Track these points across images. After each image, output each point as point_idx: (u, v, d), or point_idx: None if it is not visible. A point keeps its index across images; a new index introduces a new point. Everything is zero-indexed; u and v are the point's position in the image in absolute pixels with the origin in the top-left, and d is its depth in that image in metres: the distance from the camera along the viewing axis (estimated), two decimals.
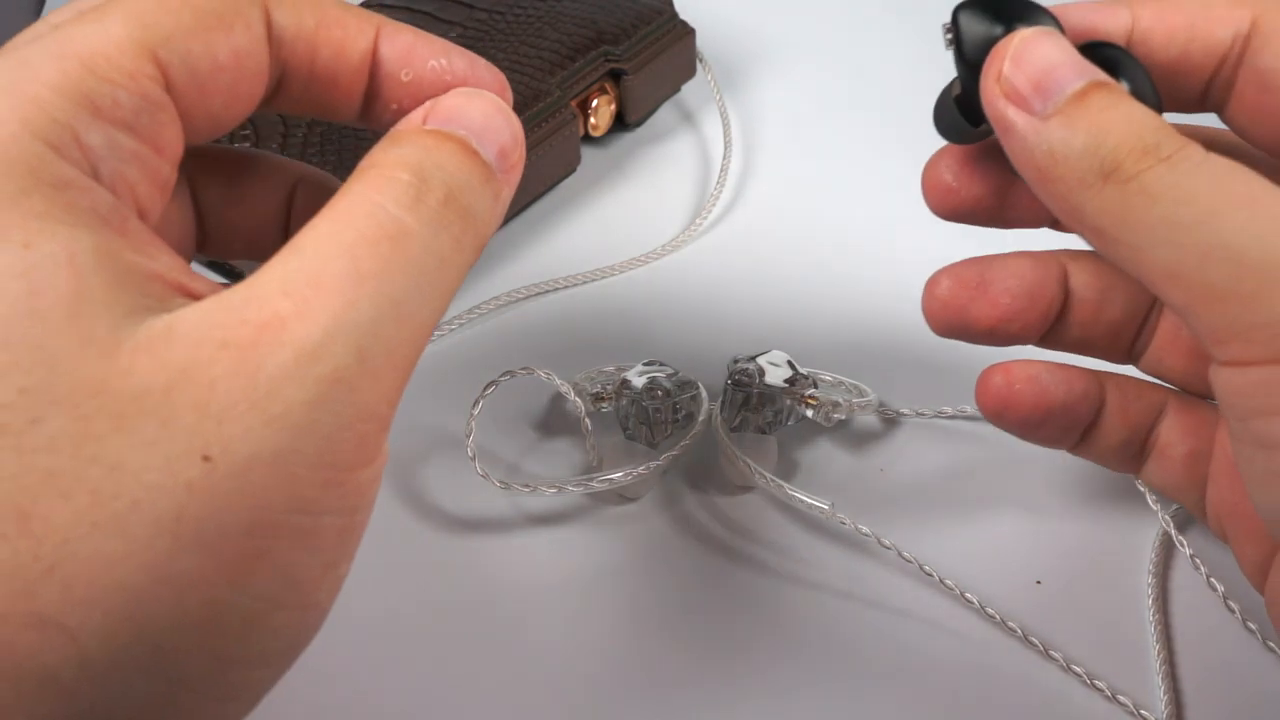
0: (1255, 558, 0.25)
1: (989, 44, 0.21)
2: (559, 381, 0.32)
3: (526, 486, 0.30)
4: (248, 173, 0.24)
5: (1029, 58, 0.20)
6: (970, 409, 0.33)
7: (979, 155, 0.25)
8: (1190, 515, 0.31)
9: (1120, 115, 0.20)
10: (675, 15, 0.44)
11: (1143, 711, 0.27)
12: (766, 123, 0.46)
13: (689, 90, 0.46)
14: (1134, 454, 0.27)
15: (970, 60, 0.21)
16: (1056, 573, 0.30)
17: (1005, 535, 0.31)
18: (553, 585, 0.30)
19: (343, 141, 0.38)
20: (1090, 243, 0.21)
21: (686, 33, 0.44)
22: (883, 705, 0.27)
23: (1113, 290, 0.27)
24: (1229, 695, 0.27)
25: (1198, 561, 0.29)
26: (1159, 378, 0.28)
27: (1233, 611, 0.28)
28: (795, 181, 0.43)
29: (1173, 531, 0.30)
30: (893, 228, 0.41)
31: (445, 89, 0.22)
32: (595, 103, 0.42)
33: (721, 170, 0.43)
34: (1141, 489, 0.31)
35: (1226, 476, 0.26)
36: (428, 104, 0.21)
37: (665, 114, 0.46)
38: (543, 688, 0.28)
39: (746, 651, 0.28)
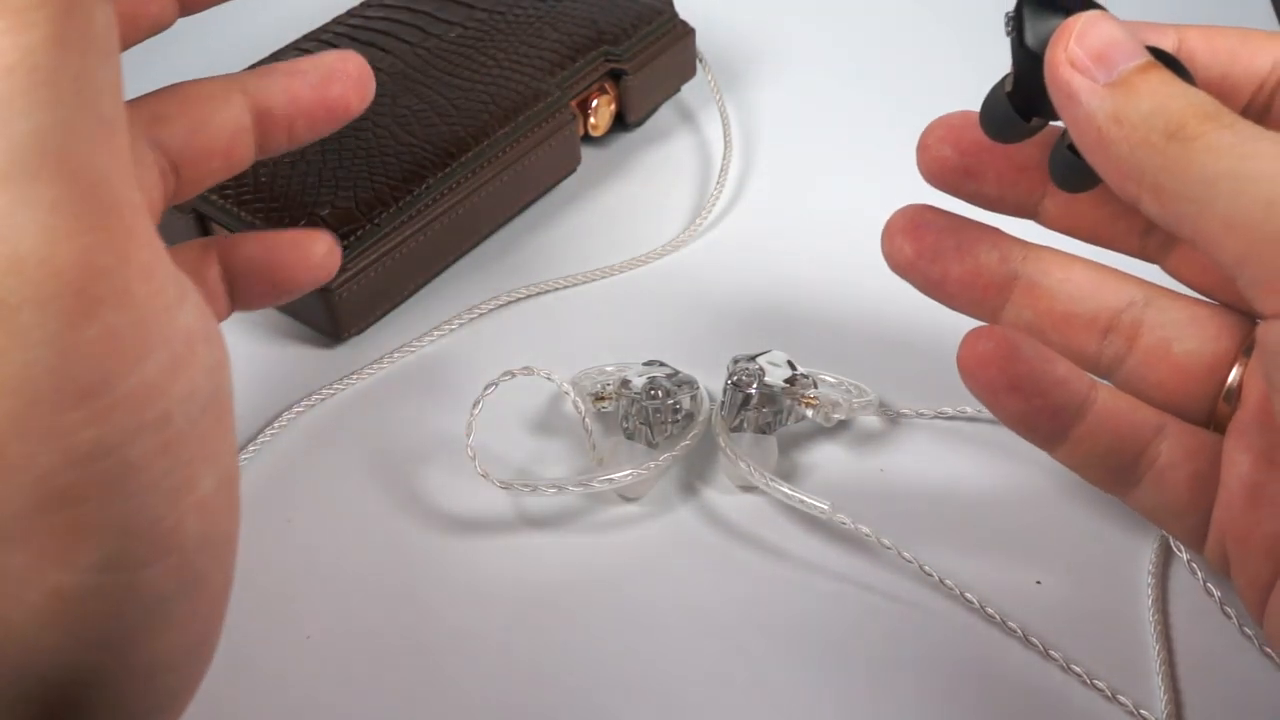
0: (1259, 582, 0.24)
1: (1050, 32, 0.22)
2: (559, 381, 0.32)
3: (526, 486, 0.30)
4: (202, 99, 0.24)
5: (1093, 33, 0.21)
6: (970, 409, 0.33)
7: (966, 130, 0.26)
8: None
9: (1180, 90, 0.21)
10: (675, 15, 0.44)
11: (1142, 711, 0.27)
12: (766, 123, 0.46)
13: (689, 90, 0.46)
14: (1124, 469, 0.26)
15: (1032, 47, 0.22)
16: (1056, 573, 0.30)
17: (1005, 535, 0.31)
18: (553, 585, 0.30)
19: (342, 141, 0.38)
20: (1144, 205, 0.21)
21: (686, 33, 0.44)
22: (883, 705, 0.27)
23: (1087, 286, 0.27)
24: (1228, 695, 0.27)
25: (1194, 567, 0.29)
26: (1140, 396, 0.27)
27: (1229, 617, 0.28)
28: (795, 181, 0.43)
29: (1170, 538, 0.29)
30: None
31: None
32: (595, 103, 0.42)
33: (721, 170, 0.43)
34: None
35: (1241, 498, 0.25)
36: None
37: (665, 114, 0.46)
38: (543, 687, 0.28)
39: (746, 651, 0.28)
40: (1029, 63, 0.23)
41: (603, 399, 0.33)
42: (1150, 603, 0.29)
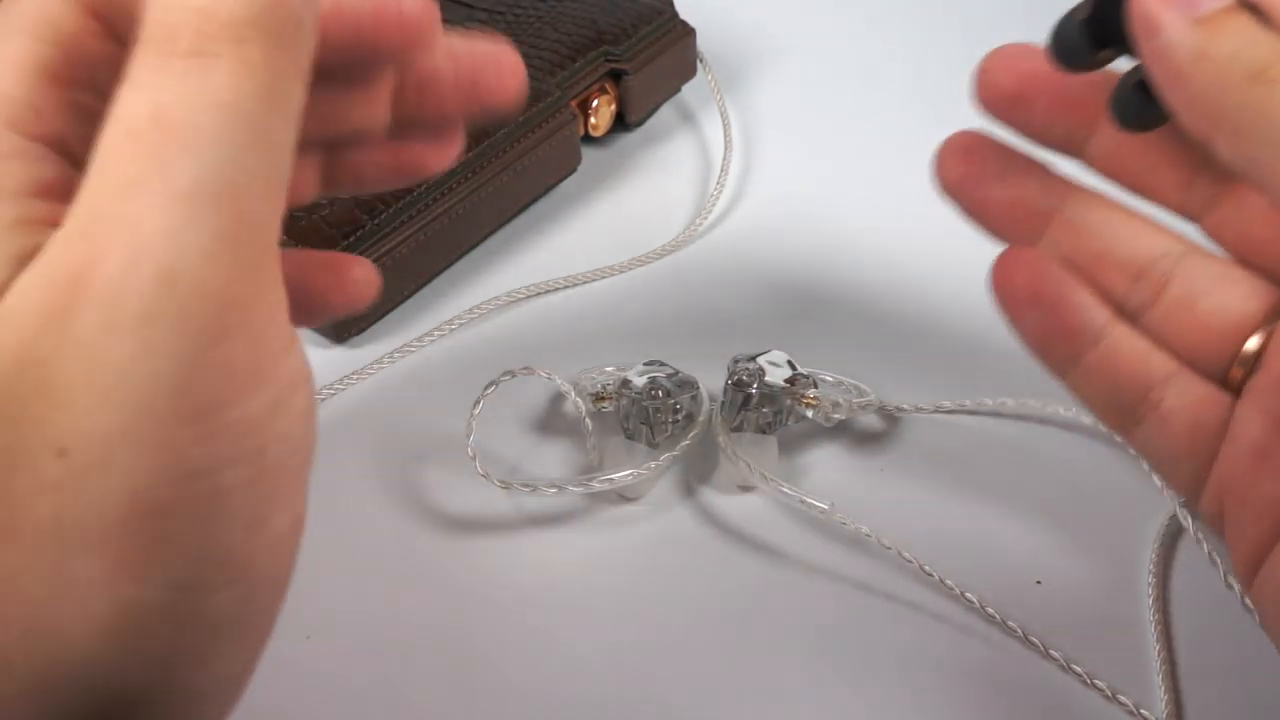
0: (1254, 543, 0.25)
1: None
2: (559, 381, 0.32)
3: (527, 486, 0.30)
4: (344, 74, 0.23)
5: None
6: (969, 402, 0.34)
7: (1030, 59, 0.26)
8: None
9: (1265, 35, 0.21)
10: (675, 15, 0.44)
11: (1143, 711, 0.27)
12: (766, 123, 0.46)
13: (689, 90, 0.46)
14: (1126, 408, 0.27)
15: None
16: (1056, 573, 0.30)
17: (1005, 535, 0.31)
18: (553, 585, 0.30)
19: None
20: (1217, 144, 0.21)
21: (686, 33, 0.44)
22: (883, 705, 0.27)
23: (1118, 226, 0.27)
24: (1229, 694, 0.27)
25: (1199, 537, 0.29)
26: (1162, 344, 0.27)
27: (1231, 589, 0.28)
28: (795, 181, 0.43)
29: (1178, 509, 0.29)
30: (893, 227, 0.41)
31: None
32: (595, 103, 0.42)
33: (721, 170, 0.43)
34: (1146, 469, 0.31)
35: (1247, 458, 0.25)
36: None
37: (665, 114, 0.46)
38: (543, 687, 0.28)
39: (746, 651, 0.28)
40: None
41: (603, 399, 0.33)
42: (1150, 602, 0.29)
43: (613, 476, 0.30)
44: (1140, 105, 0.23)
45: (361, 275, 0.25)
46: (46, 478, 0.15)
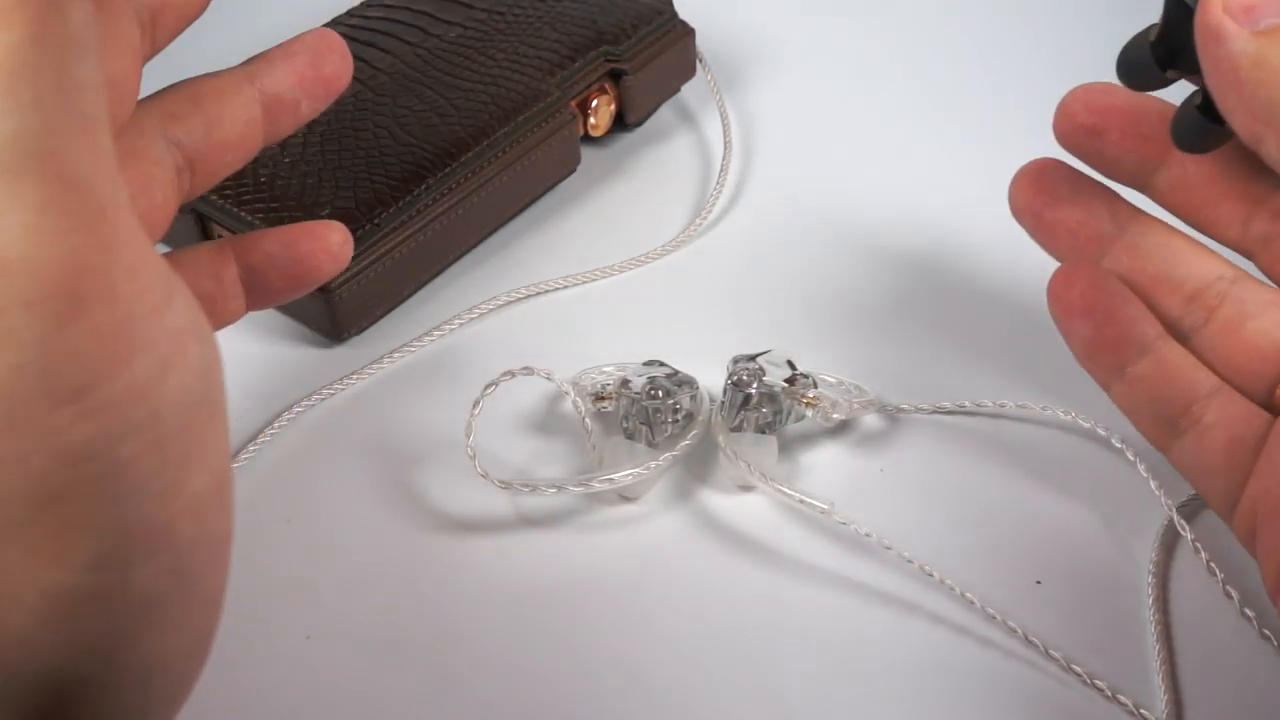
0: None
1: None
2: (559, 381, 0.32)
3: (527, 486, 0.30)
4: (215, 93, 0.25)
5: None
6: (969, 402, 0.34)
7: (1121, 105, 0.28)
8: (1196, 507, 0.31)
9: None
10: (675, 15, 0.44)
11: (1143, 711, 0.27)
12: (766, 123, 0.46)
13: (689, 90, 0.46)
14: (1168, 421, 0.28)
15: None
16: (1056, 573, 0.30)
17: (1005, 535, 0.31)
18: (553, 585, 0.30)
19: (342, 141, 0.38)
20: (1268, 147, 0.23)
21: (686, 33, 0.44)
22: (883, 705, 0.27)
23: (1180, 254, 0.28)
24: (1229, 694, 0.27)
25: (1198, 546, 0.29)
26: (1210, 365, 0.28)
27: (1230, 598, 0.28)
28: (795, 181, 0.43)
29: (1175, 515, 0.29)
30: (893, 227, 0.41)
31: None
32: (595, 103, 0.42)
33: (721, 170, 0.43)
34: (1144, 475, 0.31)
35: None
36: None
37: (665, 114, 0.46)
38: (543, 687, 0.28)
39: (746, 651, 0.28)
40: (1179, 12, 0.24)
41: (603, 399, 0.33)
42: (1150, 602, 0.29)
43: (613, 476, 0.30)
44: (1200, 126, 0.25)
45: (340, 238, 0.28)
46: None
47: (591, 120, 0.42)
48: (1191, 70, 0.24)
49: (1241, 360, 0.27)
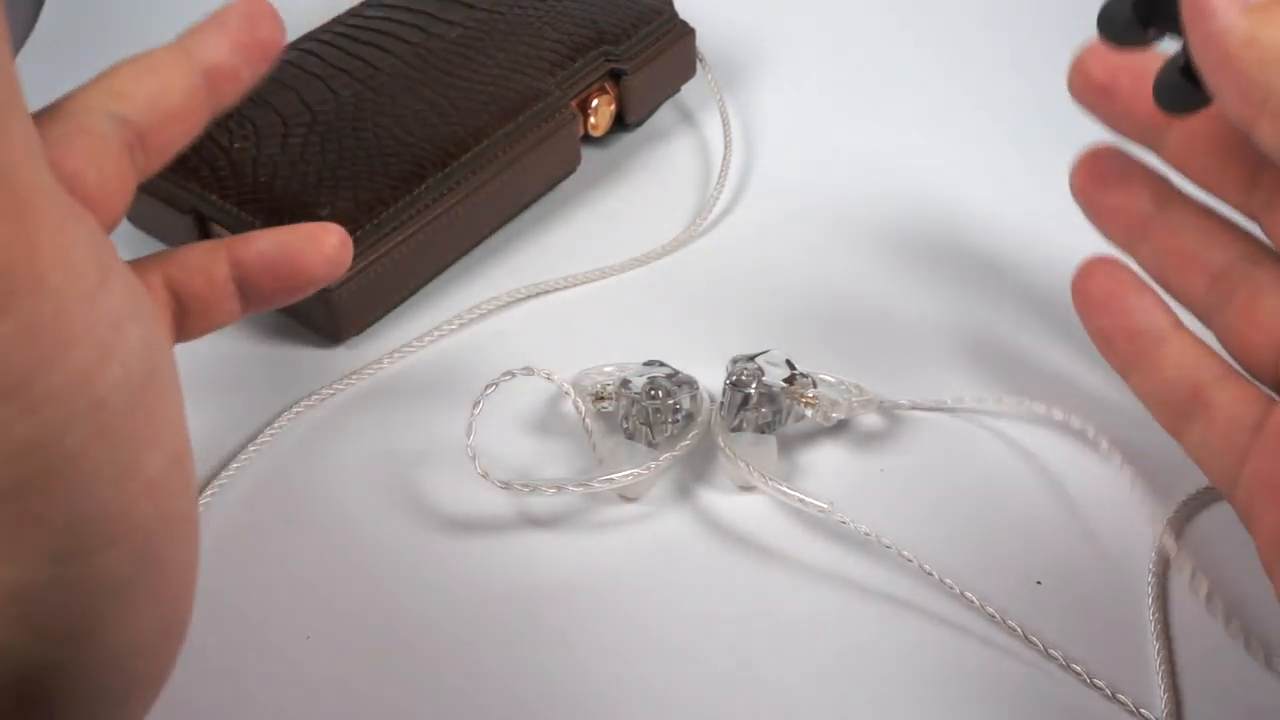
0: (1276, 525, 0.25)
1: None
2: (559, 381, 0.32)
3: (526, 486, 0.30)
4: (156, 68, 0.25)
5: None
6: (969, 399, 0.34)
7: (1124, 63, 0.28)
8: (1185, 519, 0.31)
9: None
10: (675, 15, 0.44)
11: (1142, 710, 0.27)
12: (766, 123, 0.46)
13: (689, 90, 0.46)
14: (1181, 406, 0.28)
15: None
16: (1056, 573, 0.30)
17: (1005, 535, 0.31)
18: (553, 585, 0.30)
19: (342, 141, 0.38)
20: (1260, 129, 0.22)
21: (686, 33, 0.44)
22: (882, 705, 0.27)
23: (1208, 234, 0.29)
24: (1229, 694, 0.27)
25: (1185, 561, 0.29)
26: (1227, 348, 0.28)
27: (1214, 616, 0.28)
28: (795, 181, 0.43)
29: (1165, 529, 0.30)
30: (893, 227, 0.41)
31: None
32: (595, 103, 0.42)
33: (721, 170, 0.43)
34: (1133, 483, 0.31)
35: (1276, 441, 0.26)
36: None
37: (665, 114, 0.46)
38: (543, 688, 0.28)
39: (746, 651, 0.28)
40: None
41: (603, 399, 0.33)
42: (1150, 602, 0.29)
43: (613, 476, 0.30)
44: (1183, 89, 0.24)
45: (337, 240, 0.27)
46: None
47: (592, 120, 0.42)
48: (1173, 29, 0.23)
49: (1257, 341, 0.28)
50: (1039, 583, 0.30)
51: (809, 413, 0.32)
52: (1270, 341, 0.27)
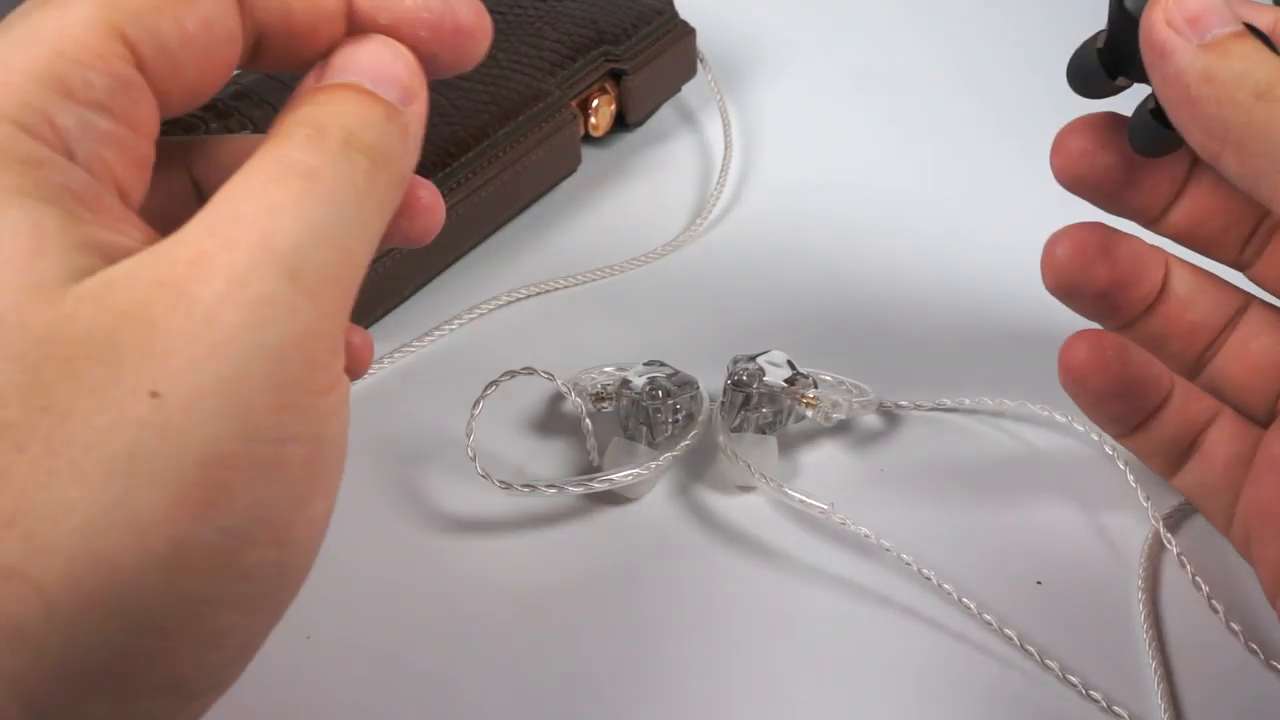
0: (1278, 558, 0.25)
1: None
2: (559, 381, 0.32)
3: (527, 487, 0.30)
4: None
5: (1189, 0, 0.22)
6: (969, 401, 0.34)
7: (1110, 131, 0.27)
8: (1182, 519, 0.31)
9: (1270, 57, 0.22)
10: (675, 15, 0.44)
11: None
12: (766, 123, 0.46)
13: (689, 90, 0.46)
14: (1178, 455, 0.29)
15: (1130, 9, 0.23)
16: (1055, 577, 0.30)
17: (1004, 536, 0.31)
18: (553, 585, 0.30)
19: None
20: (1225, 162, 0.22)
21: (687, 33, 0.44)
22: (879, 707, 0.27)
23: (1202, 293, 0.28)
24: (1226, 707, 0.27)
25: (1184, 560, 0.29)
26: (1215, 392, 0.29)
27: (1216, 612, 0.28)
28: (795, 181, 0.43)
29: (1161, 528, 0.29)
30: (893, 227, 0.41)
31: (425, 27, 0.21)
32: (595, 103, 0.42)
33: (721, 170, 0.43)
34: (1133, 485, 0.31)
35: (1270, 475, 0.26)
36: (319, 64, 0.21)
37: (665, 114, 0.46)
38: (543, 688, 0.28)
39: (745, 652, 0.28)
40: (1124, 23, 0.23)
41: (603, 399, 0.33)
42: (1142, 608, 0.29)
43: (613, 476, 0.30)
44: (1155, 131, 0.24)
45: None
46: (132, 415, 0.16)
47: (592, 120, 0.42)
48: (1140, 78, 0.24)
49: (1247, 380, 0.28)
50: (1039, 583, 0.30)
51: (810, 413, 0.32)
52: (1265, 379, 0.28)
